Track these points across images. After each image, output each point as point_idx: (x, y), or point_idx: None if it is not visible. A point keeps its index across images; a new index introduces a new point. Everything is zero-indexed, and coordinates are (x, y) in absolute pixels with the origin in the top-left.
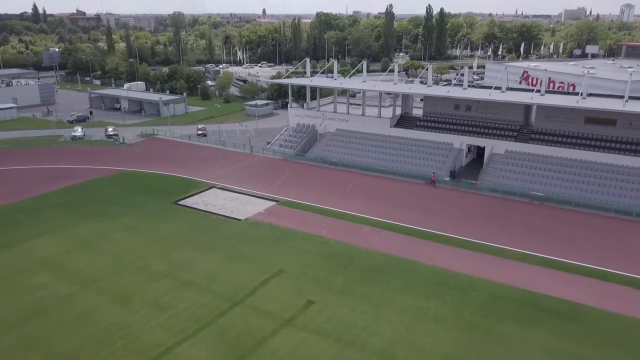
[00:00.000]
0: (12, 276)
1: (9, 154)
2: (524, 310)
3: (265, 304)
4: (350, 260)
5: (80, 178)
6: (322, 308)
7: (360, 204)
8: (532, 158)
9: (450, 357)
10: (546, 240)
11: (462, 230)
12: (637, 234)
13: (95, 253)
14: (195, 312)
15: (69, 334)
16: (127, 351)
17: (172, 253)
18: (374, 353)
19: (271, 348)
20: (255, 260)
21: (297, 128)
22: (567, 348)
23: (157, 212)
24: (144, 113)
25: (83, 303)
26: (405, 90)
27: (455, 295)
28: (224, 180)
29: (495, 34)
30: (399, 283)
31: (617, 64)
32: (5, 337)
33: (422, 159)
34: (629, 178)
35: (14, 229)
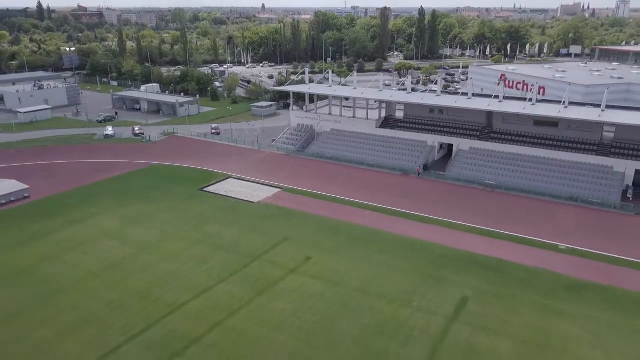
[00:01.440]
0: (86, 243)
1: (55, 150)
2: (463, 264)
3: (276, 260)
4: (338, 231)
5: (120, 170)
6: (316, 262)
7: (349, 191)
8: (491, 154)
9: (405, 292)
10: (489, 218)
11: (426, 210)
12: (562, 212)
13: (145, 227)
14: (226, 265)
15: (137, 279)
16: (181, 289)
17: (203, 226)
18: (353, 289)
19: (281, 287)
20: (267, 231)
21: (298, 128)
22: (492, 288)
23: (188, 196)
24: (162, 113)
25: (144, 260)
26: (388, 98)
27: (414, 254)
28: (238, 172)
29: (485, 34)
30: (374, 246)
31: (588, 67)
32: (92, 282)
33: (402, 155)
34: (565, 170)
35: (78, 210)
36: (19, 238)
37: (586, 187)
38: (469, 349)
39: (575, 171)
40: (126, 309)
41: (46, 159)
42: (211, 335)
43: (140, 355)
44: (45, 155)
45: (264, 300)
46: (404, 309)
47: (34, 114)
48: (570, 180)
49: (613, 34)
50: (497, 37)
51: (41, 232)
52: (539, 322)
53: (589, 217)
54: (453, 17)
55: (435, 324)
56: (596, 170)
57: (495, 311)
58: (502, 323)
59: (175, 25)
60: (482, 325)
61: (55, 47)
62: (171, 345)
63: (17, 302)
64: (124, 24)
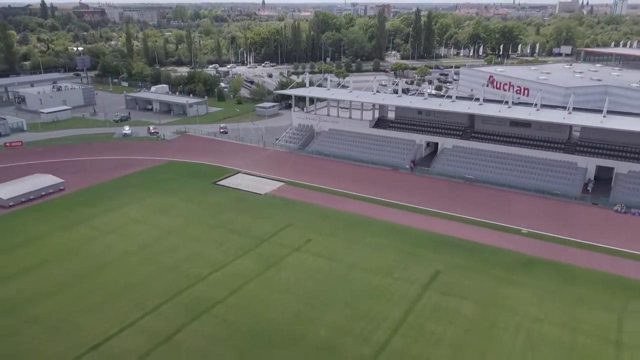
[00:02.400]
0: (120, 228)
1: (80, 148)
2: (438, 244)
3: (282, 241)
4: (334, 218)
5: (141, 166)
6: (316, 242)
7: (344, 184)
8: (472, 151)
9: (388, 267)
10: (465, 206)
11: (411, 200)
12: (528, 202)
13: (168, 215)
14: (240, 246)
15: (167, 256)
16: (204, 264)
17: (219, 215)
18: (345, 264)
19: (288, 262)
20: (273, 218)
21: (299, 127)
22: (460, 264)
23: (203, 189)
24: (173, 113)
25: (171, 242)
26: (380, 101)
27: (398, 236)
28: (246, 167)
29: (480, 34)
30: (365, 230)
31: (572, 69)
32: (130, 258)
33: (392, 152)
34: (535, 165)
35: (109, 201)
36: (63, 224)
37: (552, 180)
38: (437, 308)
39: (544, 167)
40: (161, 279)
41: (73, 155)
42: (231, 298)
43: (176, 313)
44: (71, 153)
45: (272, 272)
46: (387, 279)
47: (55, 114)
48: (539, 174)
49: (608, 32)
50: (491, 37)
51: (80, 219)
52: (497, 289)
53: (551, 206)
54: (449, 17)
55: (411, 291)
56: (562, 166)
57: (461, 281)
58: (466, 290)
59: (176, 23)
60: (450, 292)
61: (63, 46)
62: (200, 305)
63: (71, 274)
64: (125, 21)
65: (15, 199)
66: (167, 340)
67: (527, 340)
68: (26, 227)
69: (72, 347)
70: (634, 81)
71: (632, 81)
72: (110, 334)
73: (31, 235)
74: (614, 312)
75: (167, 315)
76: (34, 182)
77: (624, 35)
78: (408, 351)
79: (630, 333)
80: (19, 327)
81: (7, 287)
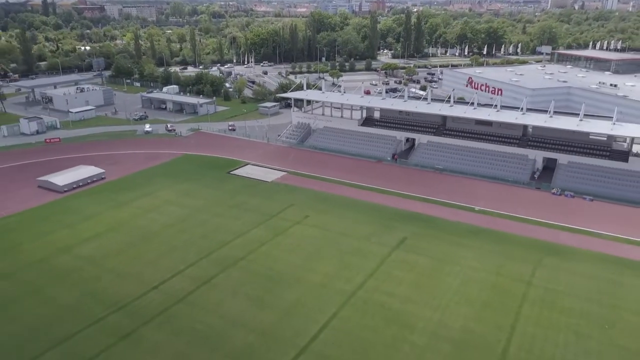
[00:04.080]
0: (157, 207)
1: (110, 143)
2: (407, 218)
3: (286, 217)
4: (328, 199)
5: (165, 158)
6: (313, 218)
7: (336, 173)
8: (443, 146)
9: (367, 234)
10: (433, 190)
11: (390, 186)
12: (485, 187)
13: (194, 198)
14: (254, 220)
15: (198, 228)
16: (227, 233)
17: (235, 197)
18: (335, 233)
19: (290, 232)
20: (278, 200)
21: (298, 125)
22: (422, 232)
23: (220, 177)
24: (185, 112)
25: (199, 218)
26: (366, 104)
27: (376, 213)
28: (254, 160)
29: (467, 34)
30: (351, 208)
31: (544, 70)
32: (169, 230)
33: (376, 146)
34: (494, 157)
35: (144, 186)
36: (111, 204)
37: (507, 169)
38: (402, 262)
39: (501, 158)
40: (196, 244)
41: (106, 150)
42: (250, 256)
43: (209, 266)
44: (104, 147)
45: (280, 238)
46: (366, 243)
47: (82, 114)
48: (496, 165)
49: (594, 29)
50: (477, 37)
51: (124, 201)
52: (448, 249)
53: (503, 190)
54: (438, 17)
55: (384, 250)
56: (515, 158)
57: (421, 244)
58: (425, 250)
59: (175, 19)
60: (412, 251)
61: (71, 46)
62: (227, 261)
63: (127, 240)
64: (124, 17)
65: (68, 186)
66: (206, 283)
67: (464, 281)
68: (82, 207)
69: (139, 287)
70: (594, 82)
71: (592, 82)
72: (165, 279)
73: (88, 214)
74: (531, 264)
75: (204, 267)
76: (80, 172)
77: (608, 33)
78: (379, 288)
79: (539, 277)
80: (100, 274)
81: (86, 247)
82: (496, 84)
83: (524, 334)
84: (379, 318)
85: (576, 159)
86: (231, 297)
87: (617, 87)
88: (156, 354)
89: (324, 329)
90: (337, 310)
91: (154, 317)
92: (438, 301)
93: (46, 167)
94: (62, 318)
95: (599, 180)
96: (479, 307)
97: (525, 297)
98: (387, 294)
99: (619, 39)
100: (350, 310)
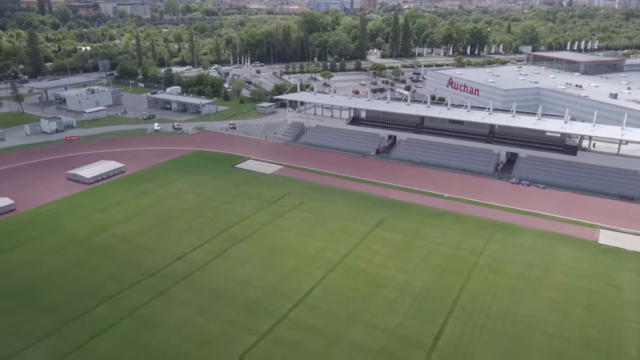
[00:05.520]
0: (174, 196)
1: (124, 141)
2: (385, 204)
3: (284, 203)
4: (319, 188)
5: (176, 154)
6: (307, 204)
7: (327, 166)
8: (421, 142)
9: (353, 216)
10: (408, 181)
11: (373, 177)
12: (454, 177)
13: (204, 187)
14: (257, 206)
15: (210, 212)
16: (235, 217)
17: (239, 187)
18: (326, 216)
19: (288, 215)
20: (277, 189)
21: (292, 124)
22: (397, 215)
23: (225, 170)
24: (188, 112)
25: (210, 204)
26: (353, 105)
27: (360, 199)
28: (255, 155)
29: (452, 35)
30: (339, 196)
31: (519, 72)
32: (186, 214)
33: (362, 142)
34: (464, 152)
35: (160, 179)
36: (134, 193)
37: (475, 162)
38: (379, 238)
39: (470, 153)
40: (209, 225)
41: (121, 147)
42: (255, 234)
43: (221, 242)
44: (119, 144)
45: (279, 221)
46: (352, 223)
47: (95, 113)
48: (466, 158)
49: (578, 27)
50: (462, 38)
51: (144, 190)
52: (418, 227)
53: (469, 180)
54: (426, 18)
55: (366, 229)
56: (482, 152)
57: (396, 224)
58: (398, 228)
59: (169, 16)
60: (388, 230)
61: (72, 46)
62: (237, 238)
63: (149, 223)
64: (119, 15)
65: (94, 178)
66: (220, 255)
67: (428, 253)
68: (109, 196)
69: (166, 259)
70: (562, 83)
71: (561, 83)
72: (186, 252)
73: (115, 201)
74: (485, 239)
75: (217, 243)
76: (103, 165)
77: (590, 32)
78: (360, 257)
79: (489, 249)
80: (133, 249)
81: (119, 228)
82: (474, 84)
83: (471, 291)
84: (359, 280)
85: (534, 153)
86: (241, 265)
87: (581, 87)
88: (185, 307)
89: (315, 288)
90: (326, 274)
91: (180, 280)
92: (406, 267)
93: (70, 162)
94: (107, 282)
95: (551, 171)
96: (438, 272)
97: (476, 265)
98: (366, 262)
99: (599, 38)
100: (336, 274)
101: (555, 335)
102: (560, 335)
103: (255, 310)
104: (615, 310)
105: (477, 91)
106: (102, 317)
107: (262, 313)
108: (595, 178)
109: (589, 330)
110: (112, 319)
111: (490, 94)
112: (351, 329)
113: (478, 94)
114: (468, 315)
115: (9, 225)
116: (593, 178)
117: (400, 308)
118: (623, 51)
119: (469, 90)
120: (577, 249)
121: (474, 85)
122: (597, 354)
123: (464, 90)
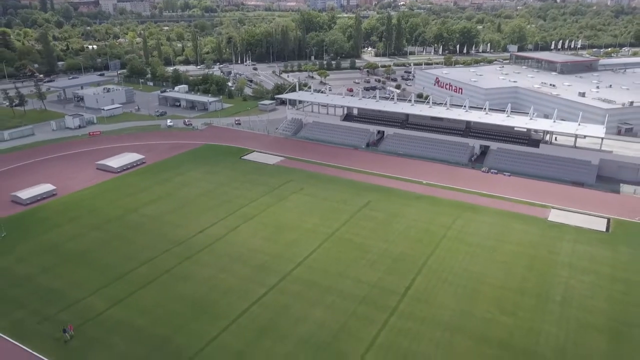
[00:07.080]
0: (191, 183)
1: (141, 135)
2: (372, 189)
3: (286, 189)
4: (317, 177)
5: (188, 147)
6: (306, 190)
7: (323, 158)
8: (406, 137)
9: (344, 200)
10: (394, 169)
11: (362, 167)
12: (433, 167)
13: (216, 176)
14: (263, 190)
15: (223, 196)
16: (244, 199)
17: (247, 175)
18: (321, 199)
19: (290, 199)
20: (280, 177)
21: (292, 120)
22: (382, 198)
23: (234, 161)
24: (196, 109)
25: (222, 190)
26: (345, 103)
27: (351, 186)
28: (259, 148)
29: (443, 34)
30: (333, 183)
31: (501, 71)
32: (202, 198)
33: (354, 137)
34: (442, 145)
35: (177, 169)
36: (156, 181)
37: (452, 154)
38: (365, 216)
39: (448, 145)
40: (223, 206)
41: (139, 141)
42: (262, 214)
43: (234, 220)
44: (137, 138)
45: (283, 202)
46: (343, 205)
47: (112, 110)
48: (444, 150)
49: (568, 24)
50: (452, 37)
51: (166, 178)
52: (399, 208)
53: (446, 169)
54: (418, 17)
55: (353, 209)
56: (459, 145)
57: (380, 205)
58: (382, 209)
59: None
60: (373, 209)
61: (79, 45)
62: (247, 216)
63: (172, 205)
64: (119, 12)
65: (120, 167)
66: (234, 230)
67: (406, 227)
68: (136, 183)
69: (190, 233)
70: (539, 83)
71: (537, 83)
72: (206, 227)
73: (142, 187)
74: (453, 217)
75: (232, 220)
76: (127, 157)
77: (578, 30)
78: (348, 231)
79: (456, 225)
80: (161, 226)
81: (147, 209)
82: (458, 83)
83: (438, 256)
84: (347, 247)
85: (503, 146)
86: (251, 237)
87: (555, 87)
88: (209, 267)
89: (312, 254)
90: (321, 243)
91: (203, 248)
92: (387, 238)
93: (96, 154)
94: (144, 250)
95: (516, 161)
96: (413, 242)
97: (444, 236)
98: (354, 234)
99: (585, 36)
100: (329, 243)
101: (498, 287)
102: (502, 286)
103: (264, 270)
104: (549, 268)
105: (460, 90)
106: (144, 275)
107: (270, 272)
108: (553, 167)
109: (526, 283)
110: (152, 275)
111: (472, 92)
112: (341, 282)
113: (462, 92)
114: (434, 272)
115: (54, 206)
116: (552, 167)
117: (380, 267)
118: (606, 49)
119: (453, 89)
120: (529, 224)
121: (458, 84)
122: (529, 298)
123: (449, 89)
